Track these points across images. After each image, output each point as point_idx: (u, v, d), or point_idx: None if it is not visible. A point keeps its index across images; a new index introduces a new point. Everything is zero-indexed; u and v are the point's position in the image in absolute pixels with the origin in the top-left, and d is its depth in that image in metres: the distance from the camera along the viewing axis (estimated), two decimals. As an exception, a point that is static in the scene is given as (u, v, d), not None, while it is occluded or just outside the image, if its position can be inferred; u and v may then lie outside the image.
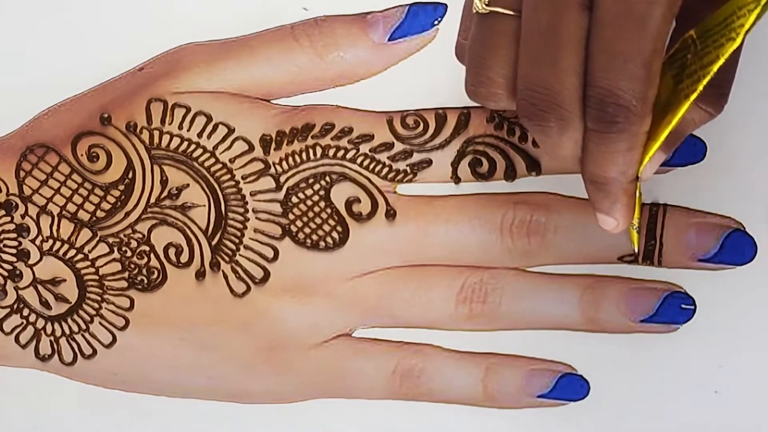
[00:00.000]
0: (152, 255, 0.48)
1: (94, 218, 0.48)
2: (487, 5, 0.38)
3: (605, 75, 0.36)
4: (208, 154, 0.48)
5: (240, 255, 0.48)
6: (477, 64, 0.39)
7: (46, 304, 0.49)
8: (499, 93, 0.38)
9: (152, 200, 0.48)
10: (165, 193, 0.48)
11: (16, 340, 0.49)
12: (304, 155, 0.48)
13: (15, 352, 0.49)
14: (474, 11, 0.38)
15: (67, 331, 0.49)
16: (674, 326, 0.47)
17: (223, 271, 0.48)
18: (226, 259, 0.48)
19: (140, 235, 0.48)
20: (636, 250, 0.46)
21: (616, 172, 0.38)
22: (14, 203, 0.48)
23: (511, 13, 0.38)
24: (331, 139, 0.48)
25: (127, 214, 0.48)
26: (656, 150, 0.37)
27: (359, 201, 0.48)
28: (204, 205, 0.48)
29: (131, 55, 0.48)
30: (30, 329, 0.49)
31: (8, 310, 0.49)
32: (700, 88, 0.36)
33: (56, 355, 0.49)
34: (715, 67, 0.36)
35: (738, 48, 0.36)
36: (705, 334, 0.47)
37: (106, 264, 0.48)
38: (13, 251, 0.48)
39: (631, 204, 0.39)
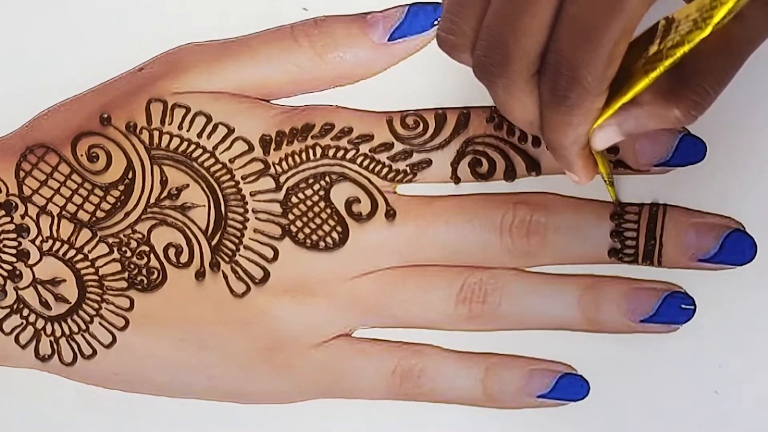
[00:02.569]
0: (152, 255, 0.48)
1: (94, 218, 0.48)
2: None
3: (567, 44, 0.35)
4: (207, 155, 0.48)
5: (240, 255, 0.48)
6: (451, 12, 0.38)
7: (45, 304, 0.49)
8: (466, 44, 0.38)
9: (152, 200, 0.48)
10: (165, 194, 0.48)
11: (16, 340, 0.49)
12: (303, 155, 0.48)
13: (15, 352, 0.49)
14: None
15: (67, 332, 0.49)
16: (674, 326, 0.47)
17: (222, 271, 0.48)
18: (226, 259, 0.48)
19: (140, 236, 0.48)
20: (615, 201, 0.46)
21: (567, 141, 0.38)
22: (14, 203, 0.48)
23: None
24: (330, 139, 0.48)
25: (127, 215, 0.48)
26: (610, 122, 0.37)
27: (359, 201, 0.48)
28: (204, 206, 0.48)
29: (131, 55, 0.48)
30: (30, 329, 0.49)
31: (8, 310, 0.49)
32: (661, 69, 0.36)
33: (56, 356, 0.49)
34: (679, 53, 0.35)
35: (728, 60, 0.36)
36: (705, 334, 0.47)
37: (105, 264, 0.48)
38: (13, 251, 0.48)
39: (589, 164, 0.39)
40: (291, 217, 0.48)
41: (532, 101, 0.37)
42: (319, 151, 0.48)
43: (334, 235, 0.48)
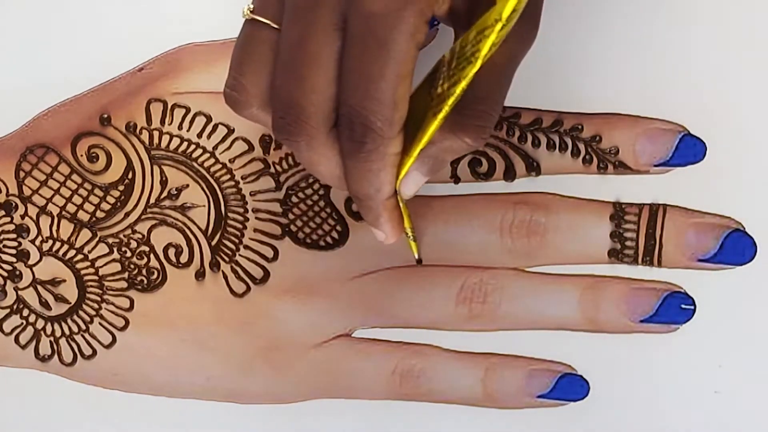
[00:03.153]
0: (152, 255, 0.48)
1: (94, 219, 0.48)
2: (251, 12, 0.38)
3: (352, 95, 0.36)
4: (207, 155, 0.48)
5: (240, 255, 0.48)
6: (235, 68, 0.39)
7: (45, 304, 0.49)
8: (250, 101, 0.39)
9: (152, 200, 0.48)
10: (165, 194, 0.48)
11: (16, 340, 0.49)
12: (303, 155, 0.48)
13: (15, 352, 0.49)
14: (243, 15, 0.39)
15: (67, 332, 0.49)
16: (674, 326, 0.47)
17: (222, 271, 0.48)
18: (226, 259, 0.48)
19: (140, 236, 0.48)
20: (417, 257, 0.46)
21: (371, 190, 0.38)
22: (14, 204, 0.48)
23: (272, 24, 0.38)
24: None
25: (127, 215, 0.48)
26: (411, 168, 0.38)
27: (359, 201, 0.48)
28: (204, 206, 0.48)
29: (131, 55, 0.48)
30: (30, 330, 0.49)
31: (8, 310, 0.49)
32: (446, 108, 0.37)
33: (56, 356, 0.49)
34: (458, 90, 0.36)
35: (499, 82, 0.38)
36: (705, 334, 0.47)
37: (105, 264, 0.48)
38: (13, 252, 0.48)
39: (395, 217, 0.40)
40: (291, 216, 0.48)
41: (335, 155, 0.38)
42: (319, 151, 0.48)
43: (334, 234, 0.48)
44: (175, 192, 0.48)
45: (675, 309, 0.47)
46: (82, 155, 0.48)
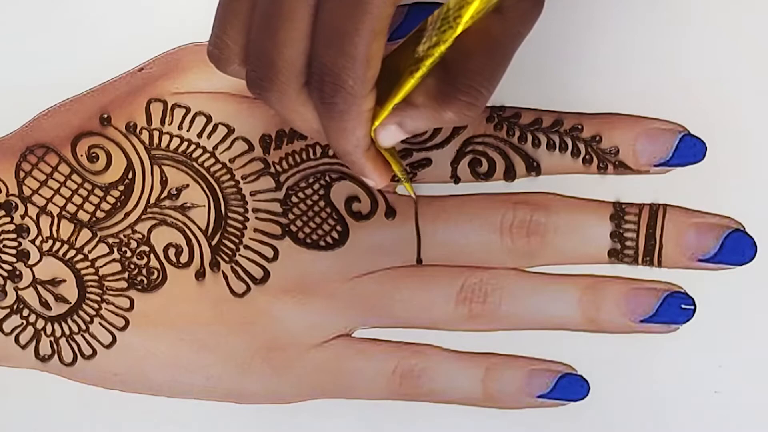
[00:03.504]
0: (152, 255, 0.48)
1: (94, 219, 0.48)
2: None
3: (325, 51, 0.36)
4: (207, 155, 0.48)
5: (240, 255, 0.48)
6: (217, 26, 0.39)
7: (45, 304, 0.49)
8: (231, 57, 0.39)
9: (152, 200, 0.48)
10: (165, 194, 0.48)
11: (16, 340, 0.49)
12: (303, 154, 0.48)
13: (15, 352, 0.49)
14: None
15: (67, 332, 0.49)
16: (674, 326, 0.47)
17: (222, 271, 0.48)
18: (226, 259, 0.48)
19: (140, 236, 0.48)
20: (413, 197, 0.46)
21: (349, 146, 0.38)
22: (14, 204, 0.48)
23: None
24: None
25: (127, 215, 0.48)
26: (390, 120, 0.38)
27: (359, 200, 0.48)
28: (204, 206, 0.48)
29: (131, 55, 0.48)
30: (30, 330, 0.49)
31: (8, 310, 0.49)
32: (423, 69, 0.37)
33: (56, 356, 0.49)
34: (437, 53, 0.36)
35: (494, 58, 0.37)
36: (705, 334, 0.47)
37: (105, 264, 0.48)
38: (13, 252, 0.48)
39: (379, 165, 0.40)
40: (291, 216, 0.48)
41: (310, 110, 0.38)
42: (319, 150, 0.48)
43: (334, 234, 0.48)
44: (175, 192, 0.48)
45: (675, 309, 0.47)
46: (82, 155, 0.48)
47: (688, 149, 0.47)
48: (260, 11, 0.37)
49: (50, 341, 0.49)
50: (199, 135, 0.48)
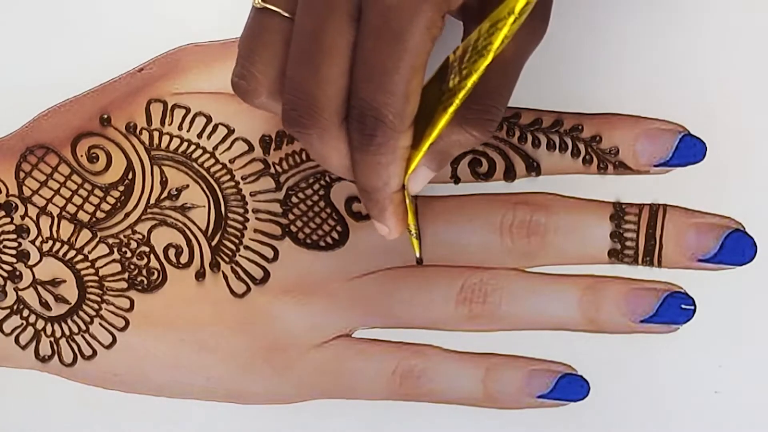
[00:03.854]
0: (152, 256, 0.48)
1: (94, 219, 0.48)
2: (263, 1, 0.38)
3: (365, 87, 0.36)
4: (207, 155, 0.48)
5: (240, 255, 0.48)
6: (244, 57, 0.39)
7: (46, 305, 0.49)
8: (259, 90, 0.39)
9: (152, 201, 0.48)
10: (165, 194, 0.48)
11: (16, 341, 0.49)
12: (303, 155, 0.48)
13: (15, 353, 0.49)
14: (252, 3, 0.39)
15: (67, 332, 0.49)
16: (674, 326, 0.47)
17: (223, 271, 0.48)
18: (226, 259, 0.48)
19: (140, 236, 0.48)
20: (418, 256, 0.46)
21: (379, 183, 0.38)
22: (14, 204, 0.48)
23: (284, 13, 0.38)
24: None
25: (127, 215, 0.48)
26: (419, 163, 0.38)
27: (359, 201, 0.48)
28: (204, 206, 0.48)
29: (131, 55, 0.48)
30: (30, 330, 0.49)
31: (8, 311, 0.49)
32: (457, 102, 0.37)
33: (56, 356, 0.49)
34: (470, 83, 0.36)
35: (507, 77, 0.38)
36: (705, 334, 0.47)
37: (105, 265, 0.48)
38: (13, 252, 0.48)
39: (400, 212, 0.40)
40: (291, 216, 0.48)
41: (346, 146, 0.38)
42: (319, 151, 0.48)
43: (335, 234, 0.48)
44: (175, 192, 0.48)
45: (675, 309, 0.47)
46: (82, 156, 0.48)
47: (688, 149, 0.47)
48: (298, 47, 0.37)
49: (50, 342, 0.49)
50: (199, 135, 0.48)
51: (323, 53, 0.36)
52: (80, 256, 0.48)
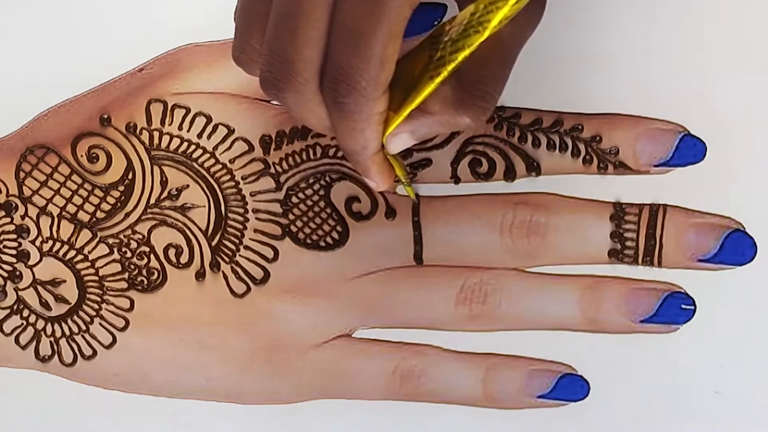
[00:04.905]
0: (152, 256, 0.48)
1: (94, 219, 0.48)
2: None
3: (340, 50, 0.36)
4: (208, 155, 0.48)
5: (240, 255, 0.48)
6: (241, 30, 0.39)
7: (46, 305, 0.49)
8: (258, 60, 0.39)
9: (152, 201, 0.48)
10: (165, 194, 0.48)
11: (16, 341, 0.49)
12: (303, 155, 0.48)
13: (15, 353, 0.49)
14: None
15: (67, 332, 0.49)
16: (674, 326, 0.47)
17: (223, 271, 0.48)
18: (226, 259, 0.48)
19: (140, 236, 0.48)
20: (415, 200, 0.46)
21: (357, 146, 0.39)
22: (14, 204, 0.48)
23: None
24: (330, 138, 0.48)
25: (127, 215, 0.48)
26: (402, 129, 0.38)
27: (359, 201, 0.48)
28: (204, 206, 0.48)
29: (131, 55, 0.48)
30: (30, 330, 0.49)
31: (8, 311, 0.49)
32: (444, 74, 0.37)
33: (56, 356, 0.49)
34: (461, 57, 0.36)
35: (504, 62, 0.38)
36: (705, 335, 0.47)
37: (106, 265, 0.48)
38: (13, 252, 0.48)
39: (384, 169, 0.40)
40: (291, 216, 0.48)
41: (323, 108, 0.38)
42: (319, 150, 0.48)
43: (335, 234, 0.48)
44: (176, 192, 0.48)
45: (675, 309, 0.47)
46: (82, 156, 0.48)
47: (689, 149, 0.47)
48: (277, 10, 0.37)
49: (50, 342, 0.49)
50: (199, 135, 0.48)
51: (300, 16, 0.36)
52: (80, 256, 0.48)
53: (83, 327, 0.49)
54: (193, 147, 0.48)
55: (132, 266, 0.48)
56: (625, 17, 0.47)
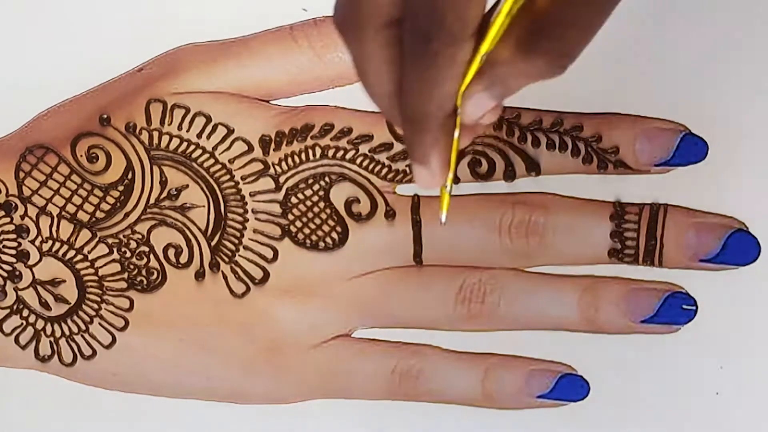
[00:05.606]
0: (152, 256, 0.48)
1: (94, 219, 0.48)
2: None
3: None
4: (207, 155, 0.48)
5: (239, 255, 0.48)
6: None
7: (45, 304, 0.49)
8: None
9: (152, 201, 0.48)
10: (164, 194, 0.48)
11: (16, 341, 0.49)
12: (303, 156, 0.48)
13: (15, 353, 0.49)
14: None
15: (67, 332, 0.49)
16: (675, 327, 0.47)
17: (222, 271, 0.48)
18: (226, 259, 0.48)
19: (140, 236, 0.48)
20: (443, 218, 0.40)
21: (431, 106, 0.34)
22: (14, 204, 0.48)
23: None
24: (330, 139, 0.48)
25: (127, 215, 0.48)
26: (477, 87, 0.33)
27: (358, 201, 0.48)
28: (203, 206, 0.48)
29: (130, 55, 0.48)
30: (30, 330, 0.49)
31: (8, 311, 0.49)
32: (506, 20, 0.32)
33: (56, 356, 0.49)
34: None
35: (597, 11, 0.32)
36: (706, 335, 0.47)
37: (105, 265, 0.48)
38: (13, 252, 0.48)
39: (447, 150, 0.36)
40: (291, 217, 0.48)
41: (389, 60, 0.33)
42: (318, 151, 0.48)
43: (334, 235, 0.48)
44: (175, 192, 0.48)
45: (676, 309, 0.47)
46: (81, 155, 0.48)
47: (690, 149, 0.47)
48: None
49: (50, 341, 0.49)
50: (199, 135, 0.48)
51: None
52: (80, 256, 0.48)
53: (83, 327, 0.49)
54: (192, 147, 0.48)
55: (131, 266, 0.48)
56: (624, 17, 0.47)
